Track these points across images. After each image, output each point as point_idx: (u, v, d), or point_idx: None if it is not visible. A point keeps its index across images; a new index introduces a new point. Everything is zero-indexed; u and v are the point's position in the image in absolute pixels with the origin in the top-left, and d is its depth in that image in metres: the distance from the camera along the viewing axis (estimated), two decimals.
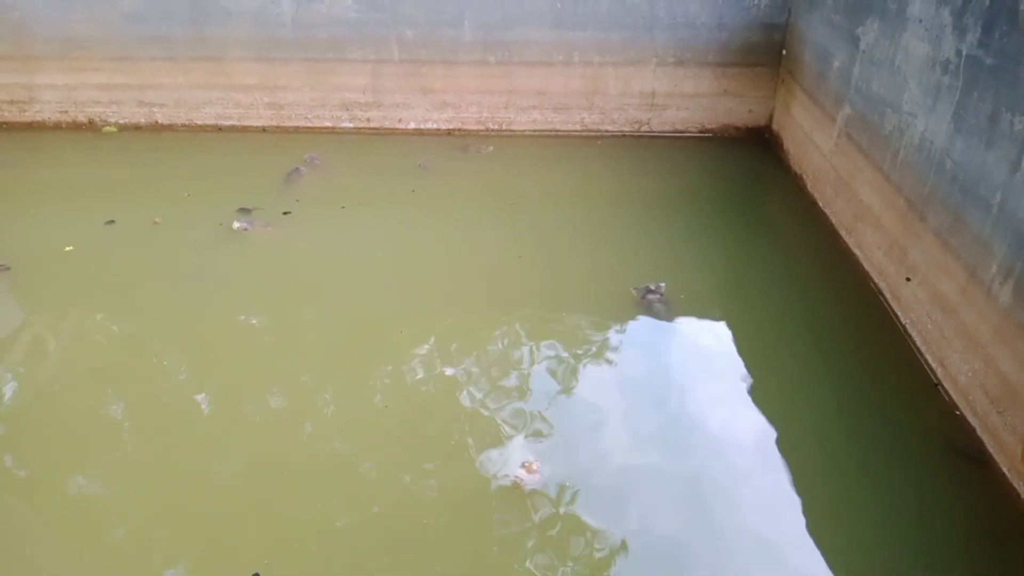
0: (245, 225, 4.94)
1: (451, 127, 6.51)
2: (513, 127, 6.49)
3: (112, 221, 5.14)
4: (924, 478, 3.23)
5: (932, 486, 3.19)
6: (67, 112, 6.54)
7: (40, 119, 6.57)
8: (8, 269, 4.57)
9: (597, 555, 2.87)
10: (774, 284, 4.56)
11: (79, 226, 5.09)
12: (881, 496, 3.13)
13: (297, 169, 5.71)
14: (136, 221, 5.15)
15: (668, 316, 4.21)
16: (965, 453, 3.33)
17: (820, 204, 5.20)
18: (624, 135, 6.49)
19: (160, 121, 6.55)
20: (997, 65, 3.24)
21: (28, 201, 5.53)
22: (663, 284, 4.28)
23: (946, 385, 3.63)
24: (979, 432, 3.36)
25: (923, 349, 3.84)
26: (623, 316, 4.24)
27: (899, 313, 4.09)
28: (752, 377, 3.80)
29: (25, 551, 2.90)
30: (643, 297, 4.24)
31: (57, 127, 6.58)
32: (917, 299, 3.89)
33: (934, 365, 3.74)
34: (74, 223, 5.14)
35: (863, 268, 4.50)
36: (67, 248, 4.82)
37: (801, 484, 3.19)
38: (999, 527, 3.01)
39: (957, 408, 3.52)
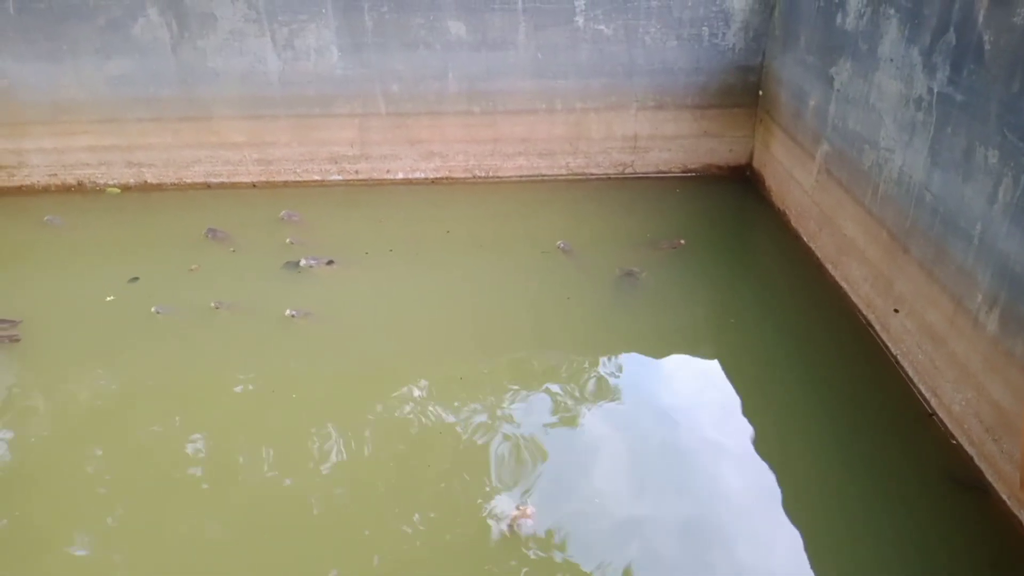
0: (312, 263, 5.16)
1: (438, 176, 6.59)
2: (500, 173, 6.58)
3: (136, 278, 5.07)
4: (923, 509, 3.24)
5: (932, 516, 3.20)
6: (56, 175, 6.57)
7: (29, 183, 6.59)
8: (19, 340, 4.44)
9: None
10: (763, 320, 4.61)
11: (100, 285, 5.00)
12: (881, 528, 3.14)
13: (212, 230, 5.67)
14: (163, 274, 5.13)
15: (633, 293, 4.76)
16: (963, 482, 3.34)
17: (804, 239, 5.29)
18: (609, 178, 6.59)
19: (149, 180, 6.59)
20: (968, 101, 3.35)
21: (35, 265, 5.47)
22: (645, 271, 4.99)
23: (940, 415, 3.66)
24: (976, 461, 3.38)
25: (915, 379, 3.88)
26: (615, 355, 4.26)
27: (889, 344, 4.13)
28: (745, 414, 3.82)
29: None
30: (621, 276, 4.98)
31: (46, 190, 6.60)
32: (906, 330, 3.94)
33: (927, 395, 3.77)
34: (94, 283, 5.05)
35: (851, 301, 4.56)
36: (108, 298, 4.84)
37: (798, 519, 3.19)
38: (1001, 556, 3.01)
39: (953, 437, 3.54)
